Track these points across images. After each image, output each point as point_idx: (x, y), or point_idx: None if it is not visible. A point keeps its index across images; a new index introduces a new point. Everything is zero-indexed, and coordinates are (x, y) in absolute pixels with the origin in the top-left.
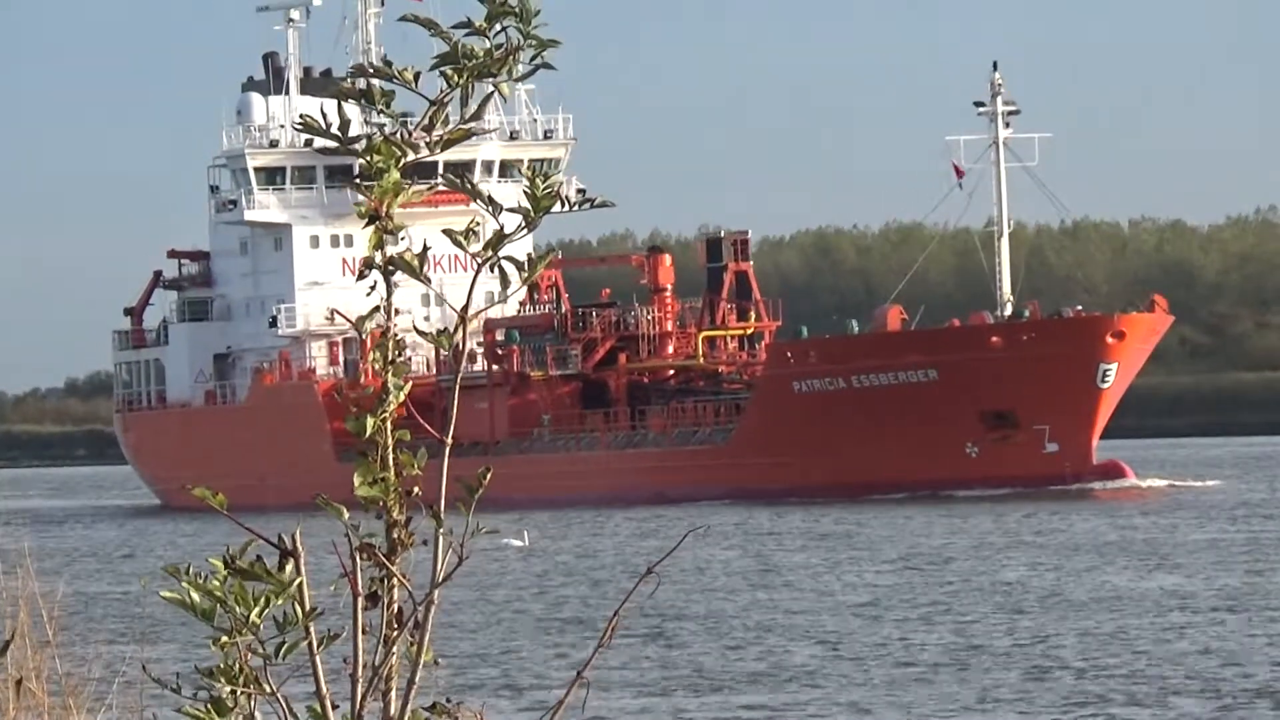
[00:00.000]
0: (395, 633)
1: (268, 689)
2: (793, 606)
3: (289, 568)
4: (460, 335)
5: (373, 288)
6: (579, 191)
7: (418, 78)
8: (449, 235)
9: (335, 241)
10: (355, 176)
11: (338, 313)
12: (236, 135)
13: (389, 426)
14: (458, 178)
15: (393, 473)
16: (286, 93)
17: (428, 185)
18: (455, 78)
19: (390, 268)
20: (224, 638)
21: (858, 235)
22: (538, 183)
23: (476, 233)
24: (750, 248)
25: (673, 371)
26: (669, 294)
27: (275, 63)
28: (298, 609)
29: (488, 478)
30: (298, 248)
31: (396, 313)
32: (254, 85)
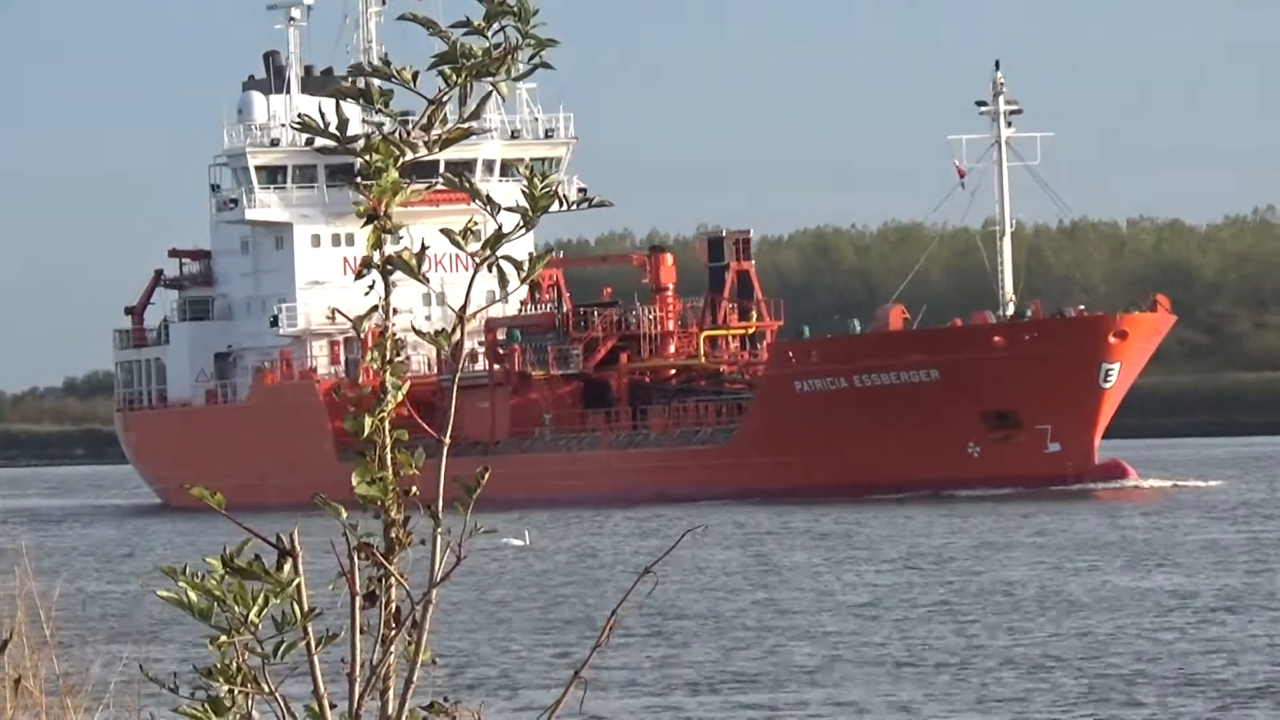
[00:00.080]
0: (393, 632)
1: (266, 688)
2: (793, 606)
3: (287, 567)
4: (458, 335)
5: (371, 287)
6: (580, 191)
7: (416, 77)
8: (447, 235)
9: (336, 240)
10: (355, 175)
11: (339, 312)
12: (237, 134)
13: (387, 426)
14: (458, 177)
15: (390, 472)
16: (287, 91)
17: (426, 184)
18: (453, 77)
19: (388, 267)
20: (222, 637)
21: (856, 235)
22: (535, 182)
23: (475, 232)
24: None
25: (674, 371)
26: (671, 293)
27: (276, 61)
28: (296, 609)
29: (485, 477)
30: (299, 247)
31: (395, 312)
32: (255, 84)
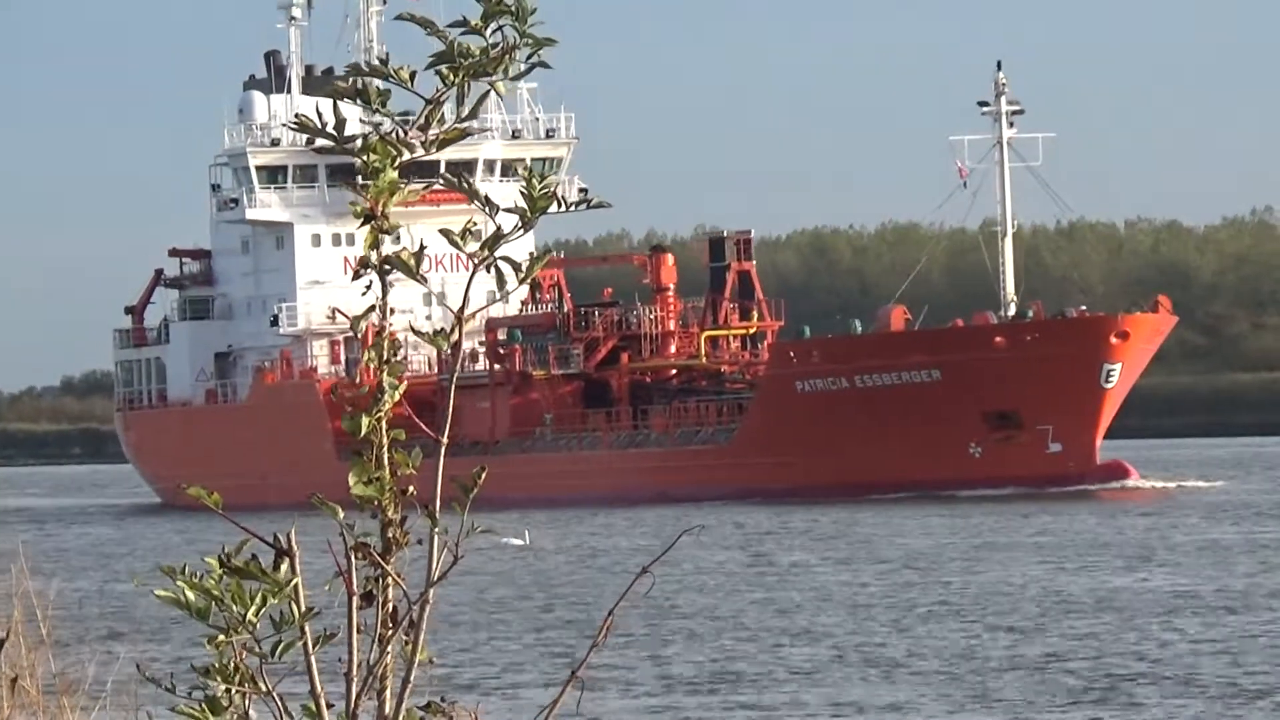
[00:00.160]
0: (390, 632)
1: (263, 688)
2: (792, 606)
3: (284, 567)
4: (456, 335)
5: (368, 287)
6: (581, 191)
7: (413, 77)
8: (445, 235)
9: (337, 240)
10: (356, 175)
11: (339, 311)
12: (238, 134)
13: (384, 426)
14: (458, 177)
15: (387, 472)
16: (288, 91)
17: (424, 184)
18: (450, 77)
19: (386, 267)
20: (220, 636)
21: (854, 235)
22: (534, 183)
23: (474, 233)
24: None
25: (675, 371)
26: (671, 293)
27: (277, 61)
28: (293, 608)
29: (482, 477)
30: (299, 246)
31: (393, 312)
32: (255, 84)
